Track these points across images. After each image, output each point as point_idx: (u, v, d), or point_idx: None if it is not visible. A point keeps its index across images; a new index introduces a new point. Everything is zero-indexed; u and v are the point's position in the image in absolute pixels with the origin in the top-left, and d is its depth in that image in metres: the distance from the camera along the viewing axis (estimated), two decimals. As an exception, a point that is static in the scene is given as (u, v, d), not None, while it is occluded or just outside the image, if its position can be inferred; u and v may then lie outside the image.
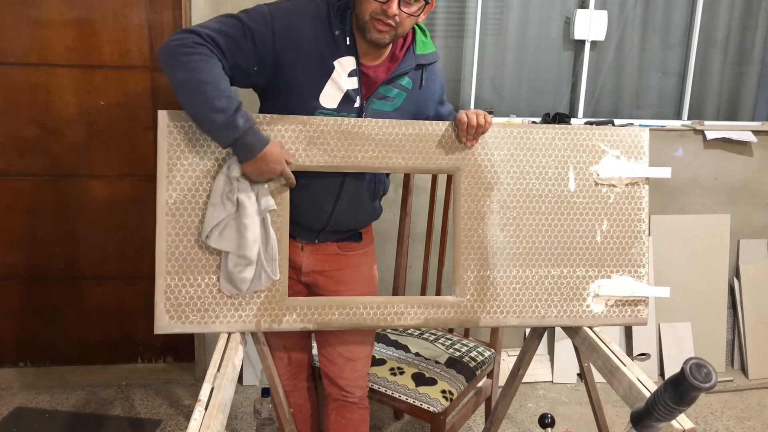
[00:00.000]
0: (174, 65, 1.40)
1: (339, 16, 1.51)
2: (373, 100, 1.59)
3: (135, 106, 2.56)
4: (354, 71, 1.54)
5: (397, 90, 1.61)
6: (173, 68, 1.40)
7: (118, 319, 2.75)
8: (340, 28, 1.50)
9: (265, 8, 1.49)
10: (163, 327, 1.54)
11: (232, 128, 1.41)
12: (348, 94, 1.55)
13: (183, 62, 1.39)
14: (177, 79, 1.40)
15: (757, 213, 3.06)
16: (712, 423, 2.62)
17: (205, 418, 1.22)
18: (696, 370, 0.95)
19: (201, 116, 1.43)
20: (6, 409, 2.48)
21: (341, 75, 1.53)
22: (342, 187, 1.63)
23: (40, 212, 2.60)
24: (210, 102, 1.38)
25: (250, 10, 1.49)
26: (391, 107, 1.62)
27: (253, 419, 2.40)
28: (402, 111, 1.63)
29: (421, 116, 1.67)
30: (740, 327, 3.02)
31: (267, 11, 1.48)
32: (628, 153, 1.69)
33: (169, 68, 1.42)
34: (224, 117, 1.39)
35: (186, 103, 1.43)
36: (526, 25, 2.90)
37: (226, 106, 1.39)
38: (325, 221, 1.65)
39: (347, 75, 1.53)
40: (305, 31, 1.49)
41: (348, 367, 1.77)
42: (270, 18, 1.47)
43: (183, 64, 1.39)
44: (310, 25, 1.49)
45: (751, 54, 3.09)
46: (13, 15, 2.42)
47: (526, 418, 2.58)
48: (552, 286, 1.67)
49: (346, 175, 1.62)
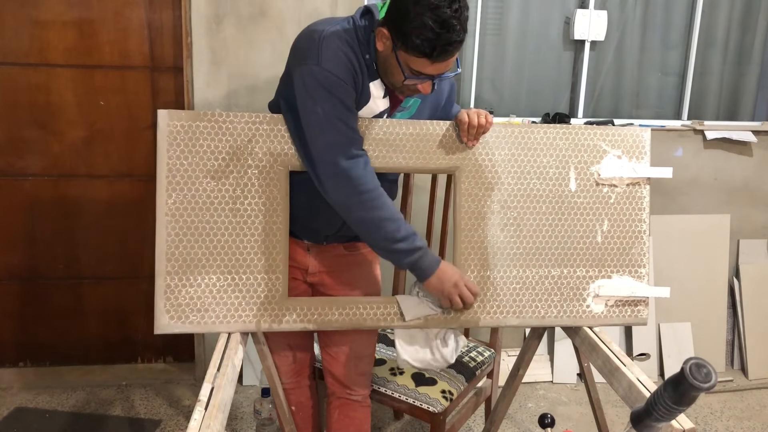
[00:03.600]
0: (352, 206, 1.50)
1: (365, 40, 1.48)
2: (395, 114, 1.62)
3: (135, 106, 2.56)
4: (386, 92, 1.55)
5: (414, 98, 1.62)
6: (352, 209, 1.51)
7: (118, 319, 2.75)
8: (368, 52, 1.49)
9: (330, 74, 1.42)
10: (163, 327, 1.54)
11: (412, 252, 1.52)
12: (380, 114, 1.58)
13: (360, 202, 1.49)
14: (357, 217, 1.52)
15: (757, 213, 3.06)
16: (712, 423, 2.62)
17: (205, 418, 1.22)
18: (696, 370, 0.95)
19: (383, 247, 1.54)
20: (6, 409, 2.47)
21: (376, 98, 1.55)
22: None
23: (40, 212, 2.60)
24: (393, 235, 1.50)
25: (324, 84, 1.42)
26: (408, 115, 1.64)
27: (253, 419, 2.40)
28: (416, 116, 1.65)
29: (434, 117, 1.68)
30: (740, 327, 3.02)
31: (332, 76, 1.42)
32: (629, 153, 1.69)
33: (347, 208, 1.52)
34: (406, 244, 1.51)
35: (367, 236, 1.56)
36: (526, 25, 2.90)
37: (404, 235, 1.51)
38: (339, 227, 1.65)
39: (381, 96, 1.55)
40: (353, 62, 1.46)
41: (352, 366, 1.77)
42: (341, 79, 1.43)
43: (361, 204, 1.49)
44: (352, 54, 1.46)
45: (751, 54, 3.09)
46: (13, 15, 2.42)
47: (526, 418, 2.58)
48: (552, 286, 1.67)
49: None
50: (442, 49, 1.35)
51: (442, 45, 1.35)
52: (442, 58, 1.38)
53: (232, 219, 1.55)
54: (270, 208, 1.57)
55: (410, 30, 1.34)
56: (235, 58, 2.47)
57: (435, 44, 1.34)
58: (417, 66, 1.40)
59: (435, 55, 1.36)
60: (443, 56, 1.37)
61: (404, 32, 1.35)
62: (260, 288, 1.57)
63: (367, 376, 1.82)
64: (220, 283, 1.55)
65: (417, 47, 1.35)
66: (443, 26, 1.32)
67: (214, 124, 1.54)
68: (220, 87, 2.49)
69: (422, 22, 1.32)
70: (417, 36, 1.34)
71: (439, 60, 1.38)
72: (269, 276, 1.57)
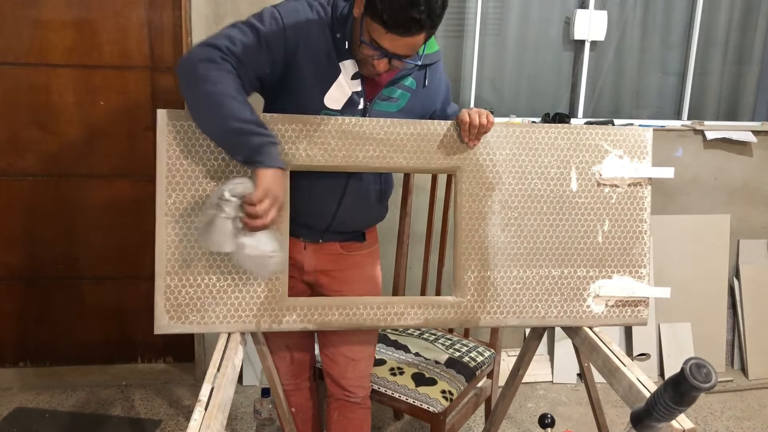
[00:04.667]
0: (196, 79, 1.39)
1: (342, 20, 1.50)
2: (377, 102, 1.59)
3: (135, 106, 2.56)
4: (357, 74, 1.53)
5: (401, 90, 1.60)
6: (196, 81, 1.39)
7: (118, 319, 2.75)
8: (341, 31, 1.49)
9: (275, 11, 1.47)
10: (163, 327, 1.54)
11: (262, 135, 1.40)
12: (352, 97, 1.55)
13: (205, 76, 1.38)
14: (200, 91, 1.39)
15: (757, 213, 3.06)
16: (712, 423, 2.62)
17: (205, 418, 1.22)
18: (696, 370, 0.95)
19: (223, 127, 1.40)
20: (6, 409, 2.47)
21: (346, 78, 1.53)
22: (346, 187, 1.63)
23: (39, 212, 2.60)
24: (237, 113, 1.38)
25: (262, 15, 1.47)
26: (395, 108, 1.61)
27: (253, 419, 2.40)
28: (407, 111, 1.62)
29: (426, 116, 1.67)
30: (740, 327, 3.02)
31: (278, 14, 1.47)
32: (631, 153, 1.68)
33: (190, 81, 1.40)
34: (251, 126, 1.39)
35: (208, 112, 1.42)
36: (526, 25, 2.90)
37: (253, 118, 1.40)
38: (330, 221, 1.65)
39: (351, 77, 1.53)
40: (314, 31, 1.48)
41: (350, 367, 1.77)
42: (281, 20, 1.46)
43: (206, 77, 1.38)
44: (317, 26, 1.48)
45: (751, 54, 3.09)
46: (13, 15, 2.42)
47: (526, 418, 2.58)
48: (552, 286, 1.67)
49: (350, 175, 1.62)
50: (398, 20, 1.33)
51: (401, 17, 1.32)
52: (397, 32, 1.35)
53: (233, 219, 1.55)
54: (270, 208, 1.56)
55: None
56: (235, 58, 2.47)
57: (393, 14, 1.32)
58: (374, 34, 1.39)
59: (390, 25, 1.34)
60: (398, 30, 1.35)
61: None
62: (260, 288, 1.57)
63: (365, 377, 1.82)
64: (220, 283, 1.55)
65: (377, 12, 1.34)
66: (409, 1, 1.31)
67: (215, 124, 1.53)
68: (220, 87, 2.49)
69: None
70: (382, 1, 1.33)
71: (393, 32, 1.36)
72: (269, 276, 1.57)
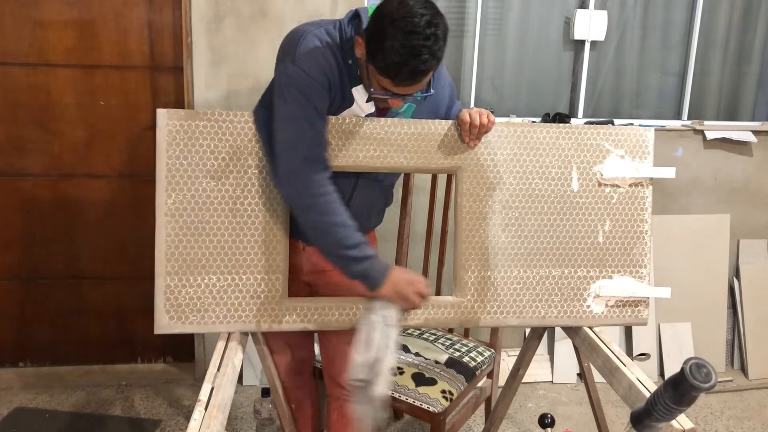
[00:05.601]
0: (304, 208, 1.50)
1: (350, 43, 1.48)
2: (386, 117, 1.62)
3: (135, 106, 2.56)
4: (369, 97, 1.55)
5: (408, 103, 1.61)
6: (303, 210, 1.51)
7: (118, 319, 2.75)
8: (351, 57, 1.49)
9: (302, 73, 1.44)
10: (163, 327, 1.54)
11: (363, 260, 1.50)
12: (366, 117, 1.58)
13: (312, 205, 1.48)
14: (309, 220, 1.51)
15: (757, 213, 3.06)
16: (712, 423, 2.62)
17: (205, 418, 1.22)
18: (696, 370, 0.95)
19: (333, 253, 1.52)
20: (6, 409, 2.47)
21: (360, 104, 1.54)
22: (353, 193, 1.64)
23: (39, 212, 2.60)
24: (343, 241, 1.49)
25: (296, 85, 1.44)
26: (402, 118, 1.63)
27: (253, 419, 2.40)
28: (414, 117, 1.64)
29: (432, 118, 1.67)
30: (740, 327, 3.02)
31: (305, 75, 1.44)
32: (632, 153, 1.68)
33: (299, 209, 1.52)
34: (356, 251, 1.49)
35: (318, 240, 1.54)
36: (526, 25, 2.90)
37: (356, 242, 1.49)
38: None
39: (365, 101, 1.55)
40: (333, 66, 1.47)
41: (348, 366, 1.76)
42: (314, 80, 1.44)
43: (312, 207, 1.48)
44: (333, 60, 1.47)
45: (751, 54, 3.09)
46: (13, 15, 2.42)
47: (526, 418, 2.58)
48: (553, 286, 1.67)
49: (358, 181, 1.63)
50: (405, 75, 1.35)
51: (407, 72, 1.35)
52: (405, 83, 1.38)
53: (232, 219, 1.55)
54: (270, 208, 1.57)
55: (379, 49, 1.34)
56: (235, 58, 2.47)
57: (400, 69, 1.34)
58: (383, 84, 1.41)
59: (398, 80, 1.37)
60: (407, 82, 1.38)
61: (374, 49, 1.35)
62: (260, 288, 1.57)
63: None
64: (220, 283, 1.55)
65: (382, 68, 1.36)
66: (411, 53, 1.32)
67: (214, 123, 1.54)
68: (220, 87, 2.49)
69: (391, 45, 1.32)
70: (383, 58, 1.34)
71: (402, 85, 1.39)
72: (269, 276, 1.57)
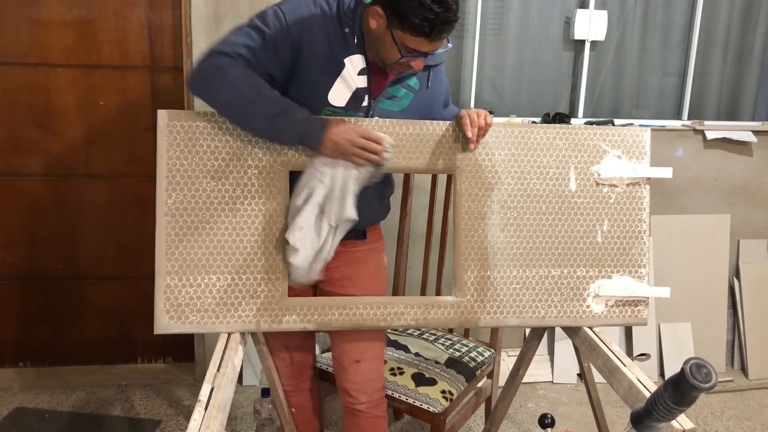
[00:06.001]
0: (215, 92, 1.44)
1: (350, 13, 1.49)
2: (381, 100, 1.59)
3: (135, 106, 2.56)
4: (364, 69, 1.53)
5: (405, 90, 1.60)
6: (215, 94, 1.44)
7: (117, 319, 2.75)
8: (349, 25, 1.49)
9: (278, 10, 1.46)
10: (163, 327, 1.54)
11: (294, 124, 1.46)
12: (357, 93, 1.54)
13: (223, 86, 1.42)
14: (222, 102, 1.45)
15: (757, 213, 3.06)
16: (712, 423, 2.62)
17: (204, 418, 1.22)
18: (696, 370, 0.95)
19: (259, 127, 1.48)
20: (6, 409, 2.47)
21: (351, 73, 1.52)
22: None
23: (39, 212, 2.60)
24: (264, 111, 1.44)
25: (265, 15, 1.45)
26: (398, 107, 1.61)
27: (253, 419, 2.40)
28: (409, 112, 1.62)
29: (427, 117, 1.66)
30: (740, 327, 3.02)
31: (281, 13, 1.45)
32: (629, 153, 1.68)
33: (208, 94, 1.45)
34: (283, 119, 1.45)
35: (237, 120, 1.49)
36: (526, 25, 2.90)
37: (280, 109, 1.44)
38: None
39: (357, 73, 1.52)
40: (317, 27, 1.47)
41: (352, 369, 1.71)
42: (285, 19, 1.45)
43: (224, 88, 1.42)
44: (320, 21, 1.47)
45: (751, 54, 3.09)
46: (13, 15, 2.42)
47: (526, 418, 2.58)
48: (552, 286, 1.67)
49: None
50: (440, 28, 1.37)
51: (441, 24, 1.36)
52: (439, 37, 1.40)
53: (232, 219, 1.55)
54: (270, 208, 1.57)
55: (407, 9, 1.35)
56: (235, 58, 2.47)
57: (434, 23, 1.35)
58: (413, 44, 1.41)
59: (434, 35, 1.38)
60: (441, 34, 1.39)
61: (401, 11, 1.36)
62: (260, 288, 1.57)
63: (370, 382, 1.73)
64: (220, 283, 1.55)
65: (415, 27, 1.36)
66: (441, 5, 1.34)
67: (214, 124, 1.54)
68: (220, 87, 2.49)
69: (419, 1, 1.33)
70: (415, 15, 1.35)
71: (437, 39, 1.40)
72: (269, 276, 1.57)
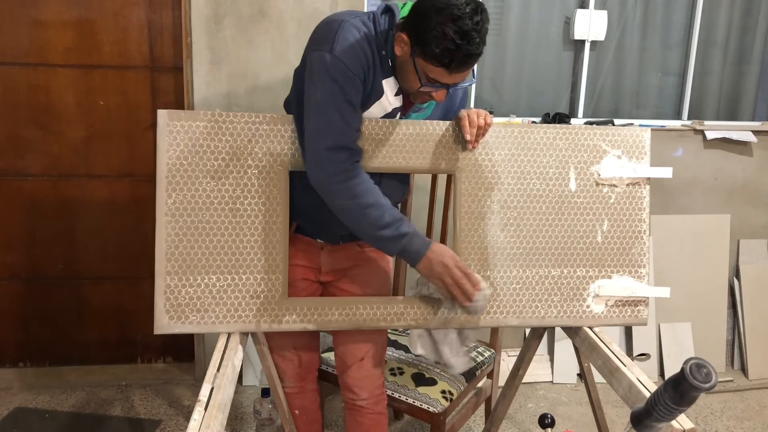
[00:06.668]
0: (336, 192, 1.47)
1: (383, 35, 1.48)
2: (410, 114, 1.61)
3: (135, 106, 2.56)
4: (400, 89, 1.54)
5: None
6: (336, 195, 1.48)
7: (117, 319, 2.75)
8: (385, 48, 1.48)
9: (340, 64, 1.41)
10: (163, 327, 1.54)
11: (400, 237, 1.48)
12: (391, 113, 1.57)
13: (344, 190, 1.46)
14: (338, 204, 1.49)
15: (757, 213, 3.06)
16: (712, 423, 2.62)
17: (204, 418, 1.22)
18: (696, 370, 0.95)
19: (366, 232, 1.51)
20: (6, 409, 2.47)
21: (389, 97, 1.54)
22: None
23: (39, 212, 2.60)
24: (376, 220, 1.47)
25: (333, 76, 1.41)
26: (423, 116, 1.63)
27: (253, 419, 2.40)
28: (430, 118, 1.64)
29: (445, 119, 1.66)
30: (740, 327, 3.02)
31: (343, 66, 1.41)
32: (629, 153, 1.69)
33: (329, 193, 1.49)
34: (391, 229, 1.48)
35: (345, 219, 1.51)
36: (526, 25, 2.90)
37: (389, 221, 1.47)
38: None
39: (394, 95, 1.54)
40: (367, 56, 1.46)
41: (354, 366, 1.74)
42: (351, 72, 1.42)
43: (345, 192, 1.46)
44: (368, 48, 1.46)
45: (751, 54, 3.09)
46: (13, 15, 2.42)
47: (526, 418, 2.58)
48: (552, 286, 1.67)
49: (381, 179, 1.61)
50: (461, 60, 1.36)
51: (462, 57, 1.35)
52: (460, 69, 1.38)
53: (232, 219, 1.55)
54: (270, 208, 1.57)
55: (430, 39, 1.34)
56: (235, 58, 2.47)
57: (454, 55, 1.34)
58: (434, 75, 1.40)
59: (453, 66, 1.37)
60: (461, 67, 1.38)
61: (424, 40, 1.35)
62: (260, 288, 1.57)
63: (371, 378, 1.75)
64: (220, 283, 1.55)
65: (436, 57, 1.35)
66: (464, 38, 1.32)
67: (214, 124, 1.54)
68: (220, 87, 2.49)
69: (443, 31, 1.32)
70: (437, 45, 1.34)
71: (457, 71, 1.39)
72: (269, 276, 1.57)
